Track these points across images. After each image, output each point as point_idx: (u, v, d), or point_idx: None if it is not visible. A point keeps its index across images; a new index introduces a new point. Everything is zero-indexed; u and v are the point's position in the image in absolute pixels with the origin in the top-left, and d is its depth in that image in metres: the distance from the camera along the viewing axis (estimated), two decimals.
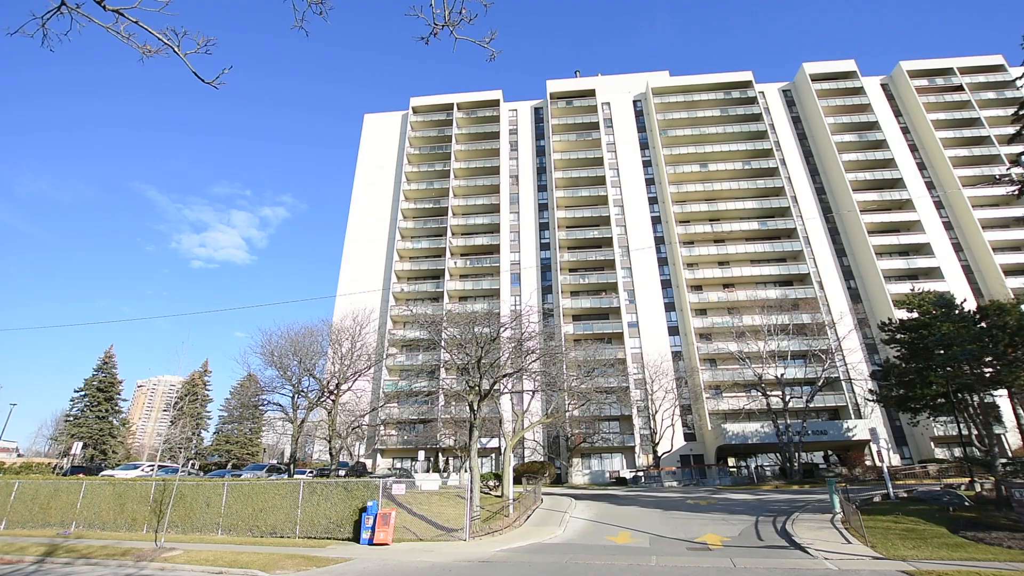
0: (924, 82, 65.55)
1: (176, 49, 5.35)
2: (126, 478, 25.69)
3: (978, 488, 24.78)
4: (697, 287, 56.77)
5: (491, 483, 34.20)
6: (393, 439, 51.44)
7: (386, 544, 17.47)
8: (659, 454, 46.03)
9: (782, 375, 42.54)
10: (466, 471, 31.65)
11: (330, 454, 33.12)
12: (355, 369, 34.50)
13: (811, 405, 43.11)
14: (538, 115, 70.90)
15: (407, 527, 19.47)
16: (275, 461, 59.99)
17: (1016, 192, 30.78)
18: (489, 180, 65.26)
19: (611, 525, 20.77)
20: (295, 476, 30.05)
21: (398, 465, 49.44)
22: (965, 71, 65.81)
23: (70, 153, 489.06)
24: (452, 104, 70.53)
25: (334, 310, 54.27)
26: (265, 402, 37.92)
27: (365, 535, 17.99)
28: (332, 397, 33.40)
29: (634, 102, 70.01)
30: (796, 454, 40.08)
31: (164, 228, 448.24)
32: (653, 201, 62.67)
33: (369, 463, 47.91)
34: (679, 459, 48.36)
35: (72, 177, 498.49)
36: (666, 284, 57.39)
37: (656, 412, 46.64)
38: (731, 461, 46.60)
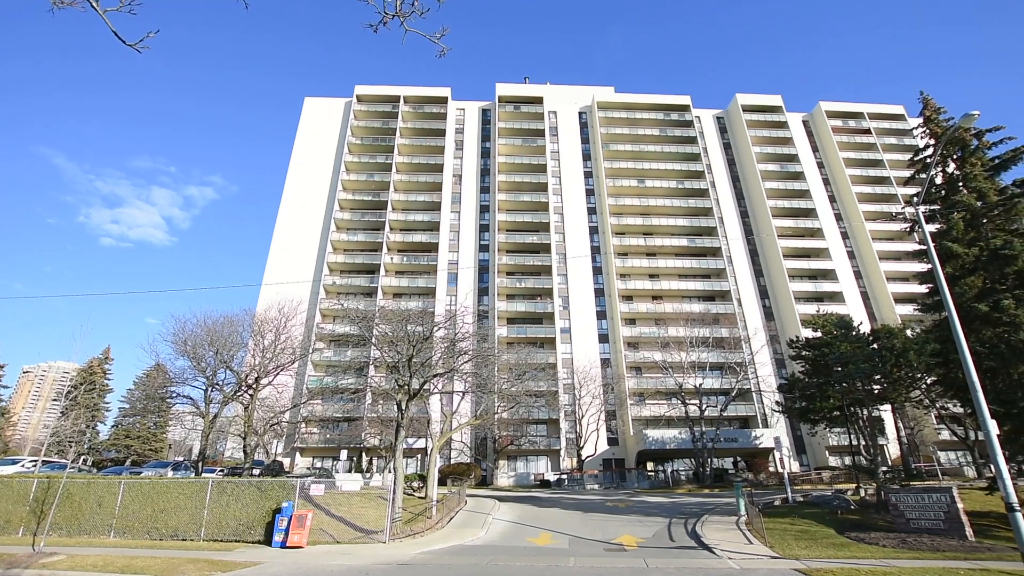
0: (839, 123, 71.91)
1: (93, 3, 4.87)
2: (1, 475, 23.00)
3: (862, 493, 27.40)
4: (628, 297, 58.90)
5: (415, 484, 33.67)
6: (315, 437, 49.38)
7: (300, 547, 16.74)
8: (583, 458, 47.20)
9: (700, 385, 44.95)
10: (390, 472, 30.95)
11: (244, 452, 31.22)
12: (277, 363, 32.73)
13: (724, 414, 45.91)
14: (485, 117, 70.91)
15: (324, 529, 18.73)
16: (182, 458, 55.93)
17: (908, 229, 34.31)
18: (432, 177, 64.44)
19: (533, 527, 21.04)
20: (203, 475, 28.11)
21: (318, 464, 47.53)
22: (873, 116, 72.84)
23: None
24: (399, 96, 69.07)
25: (258, 300, 51.37)
26: (174, 394, 35.05)
27: (278, 538, 17.14)
28: (250, 391, 31.55)
29: (579, 113, 71.76)
30: (709, 460, 42.54)
31: (71, 200, 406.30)
32: (592, 211, 64.43)
33: (287, 462, 45.72)
34: (602, 463, 49.85)
35: None
36: (599, 293, 59.13)
37: (582, 417, 47.81)
38: (650, 465, 48.60)
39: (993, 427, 13.03)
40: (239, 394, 31.86)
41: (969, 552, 14.32)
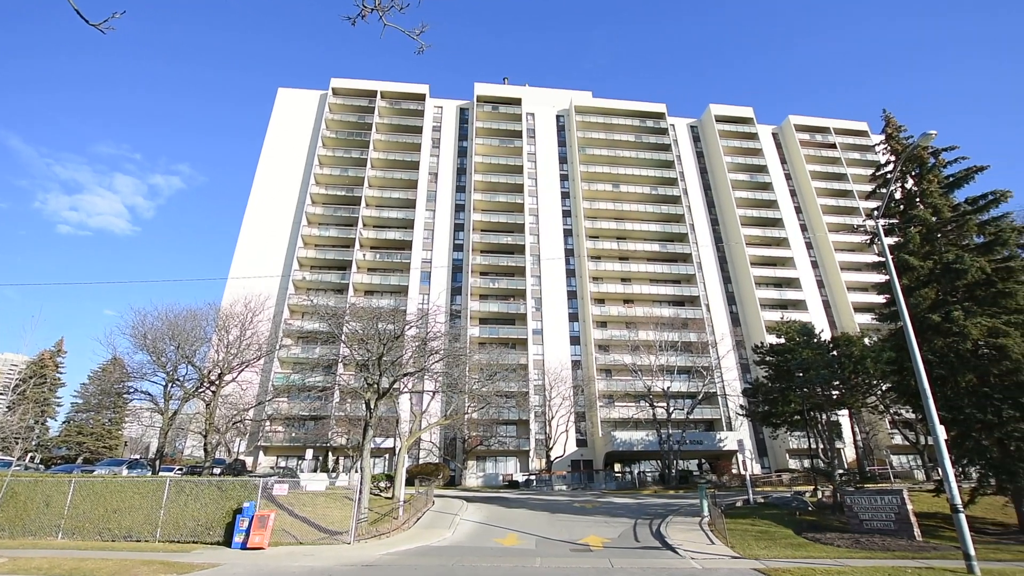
0: (806, 136, 74.30)
1: None
2: None
3: (820, 495, 28.37)
4: (600, 300, 59.53)
5: (383, 484, 33.25)
6: (279, 436, 48.26)
7: (261, 548, 16.32)
8: (552, 459, 47.45)
9: (668, 388, 45.75)
10: (357, 471, 30.50)
11: (205, 450, 30.28)
12: (242, 359, 31.88)
13: (691, 417, 46.85)
14: (463, 115, 70.65)
15: (287, 530, 18.33)
16: (138, 456, 53.94)
17: (868, 241, 35.65)
18: (407, 174, 63.79)
19: (500, 527, 21.04)
20: (161, 473, 27.15)
21: (282, 464, 46.45)
22: (839, 132, 75.58)
23: None
24: (376, 91, 68.17)
25: (224, 294, 49.97)
26: (131, 390, 33.74)
27: (238, 538, 16.68)
28: (212, 388, 30.64)
29: (557, 116, 72.22)
30: (675, 461, 43.34)
31: (26, 184, 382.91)
32: (567, 214, 64.90)
33: (250, 461, 44.54)
34: (570, 464, 50.21)
35: None
36: (572, 295, 59.59)
37: (552, 418, 48.02)
38: (617, 467, 49.18)
39: (942, 432, 13.67)
40: (201, 390, 30.90)
41: (917, 552, 14.98)
